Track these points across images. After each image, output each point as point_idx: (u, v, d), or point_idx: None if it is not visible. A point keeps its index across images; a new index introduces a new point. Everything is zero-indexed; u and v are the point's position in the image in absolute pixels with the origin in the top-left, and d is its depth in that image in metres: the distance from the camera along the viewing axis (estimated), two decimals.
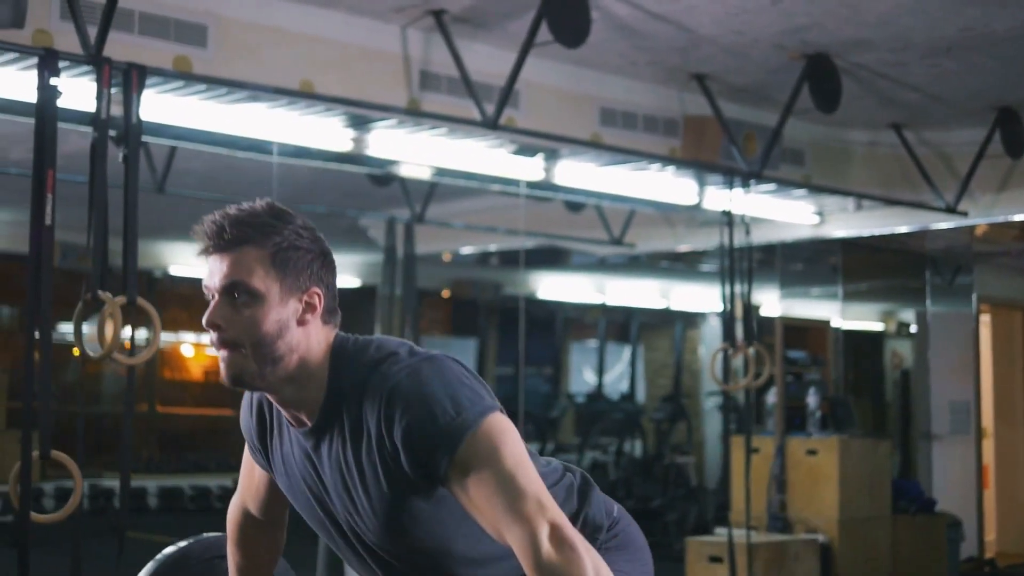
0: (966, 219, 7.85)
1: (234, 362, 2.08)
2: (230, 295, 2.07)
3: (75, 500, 4.37)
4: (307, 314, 2.11)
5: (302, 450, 2.20)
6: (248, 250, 2.07)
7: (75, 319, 4.40)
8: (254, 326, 2.06)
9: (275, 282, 2.07)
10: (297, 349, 2.09)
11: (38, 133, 4.35)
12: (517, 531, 1.93)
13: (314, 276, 2.12)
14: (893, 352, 11.69)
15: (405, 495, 2.09)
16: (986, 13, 5.62)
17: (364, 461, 2.09)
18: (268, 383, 2.11)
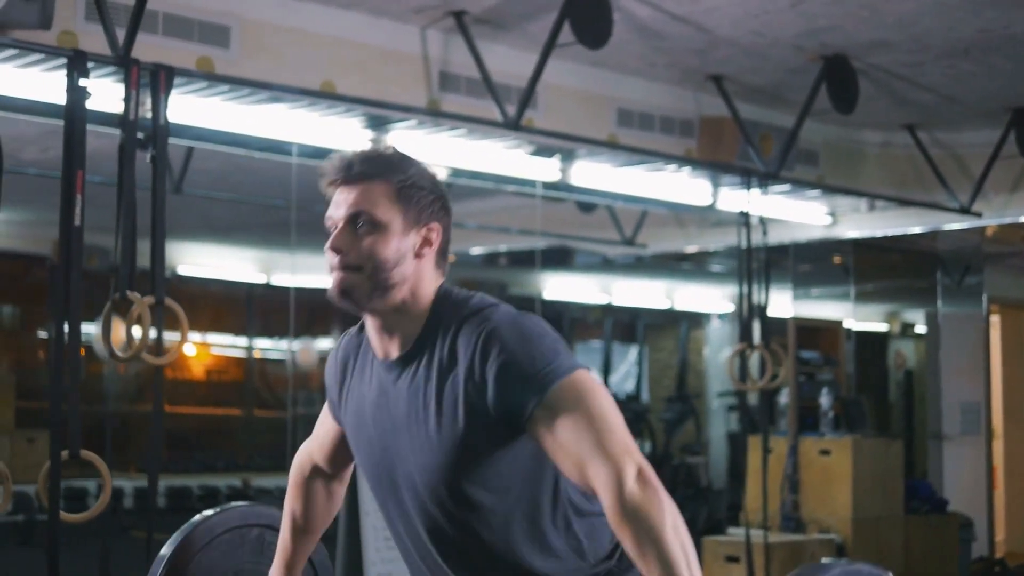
0: (980, 220, 7.87)
1: (348, 280, 2.19)
2: (354, 223, 2.20)
3: (105, 499, 4.39)
4: (424, 248, 2.23)
5: (380, 385, 2.27)
6: (374, 184, 2.20)
7: (103, 319, 4.42)
8: (375, 252, 2.18)
9: (397, 214, 2.20)
10: (409, 280, 2.21)
11: (67, 134, 4.37)
12: (604, 468, 1.98)
13: (434, 214, 2.24)
14: (897, 352, 11.70)
15: (476, 432, 2.14)
16: (1005, 14, 5.64)
17: (446, 392, 2.16)
18: (374, 306, 2.22)
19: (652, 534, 1.92)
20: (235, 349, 12.89)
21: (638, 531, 1.93)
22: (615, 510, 1.96)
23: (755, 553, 6.94)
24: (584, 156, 6.77)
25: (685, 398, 12.80)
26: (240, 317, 12.37)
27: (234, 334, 12.71)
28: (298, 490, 2.63)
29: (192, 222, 9.11)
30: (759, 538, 7.05)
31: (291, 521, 2.63)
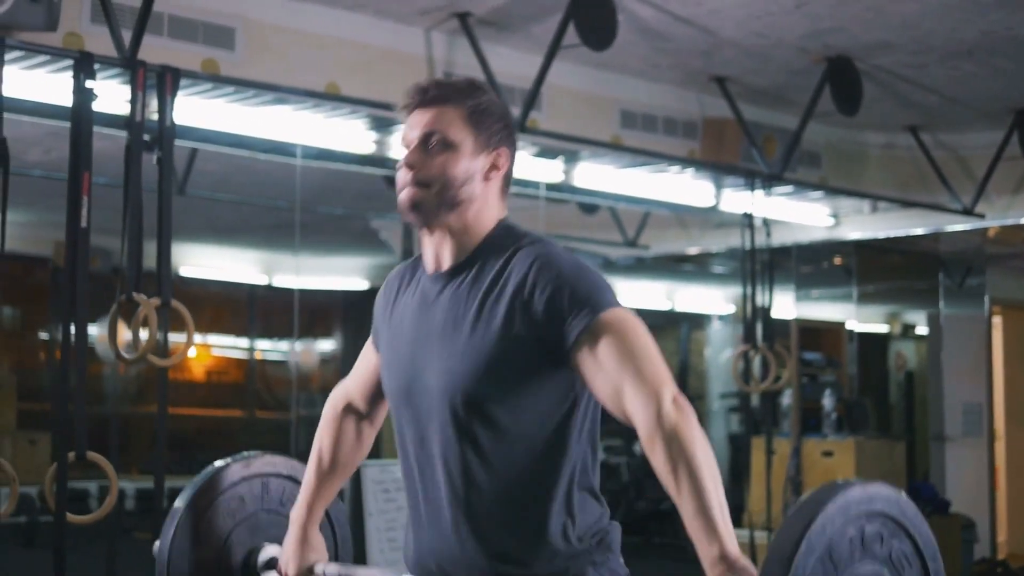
0: (983, 221, 7.87)
1: (418, 195, 2.30)
2: (426, 143, 2.31)
3: (111, 500, 4.39)
4: (491, 172, 2.34)
5: (423, 296, 2.36)
6: (447, 107, 2.31)
7: (110, 321, 4.42)
8: (445, 170, 2.29)
9: (469, 136, 2.31)
10: (475, 201, 2.32)
11: (74, 136, 4.37)
12: (643, 391, 2.08)
13: (502, 141, 2.36)
14: (897, 353, 11.72)
15: (509, 348, 2.21)
16: (1009, 16, 5.65)
17: (489, 304, 2.24)
18: (438, 221, 2.32)
19: (685, 453, 2.00)
20: (237, 350, 12.89)
21: (671, 449, 2.01)
22: (650, 429, 2.04)
23: (759, 554, 6.94)
24: (587, 157, 6.77)
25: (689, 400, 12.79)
26: (242, 318, 12.38)
27: (236, 335, 12.71)
28: (329, 426, 2.68)
29: (195, 224, 9.12)
30: (763, 539, 7.05)
31: (317, 459, 2.67)
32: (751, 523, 7.01)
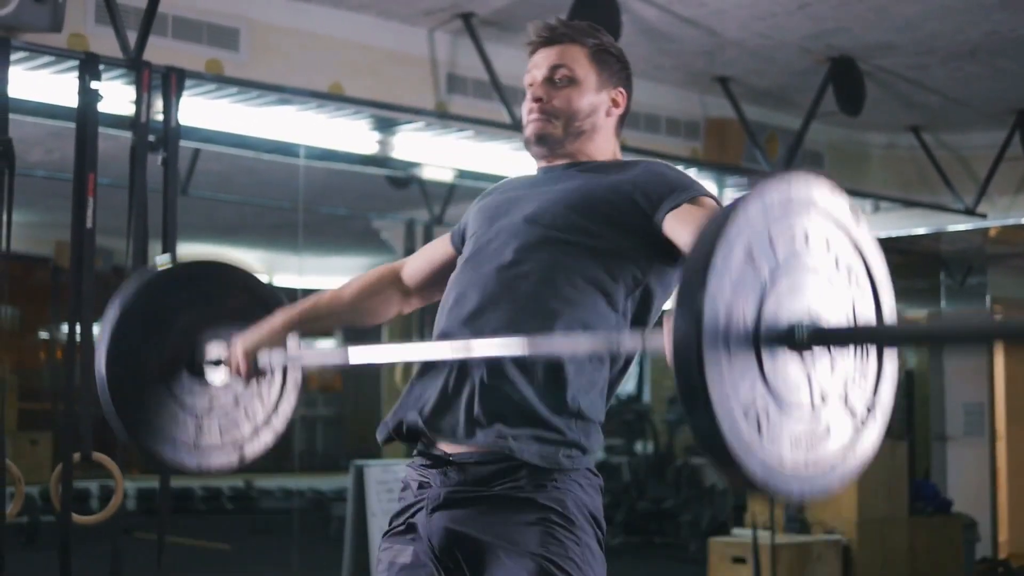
0: (985, 221, 7.88)
1: (545, 126, 2.43)
2: (552, 78, 2.43)
3: (117, 501, 4.40)
4: (612, 108, 2.47)
5: (533, 182, 2.46)
6: (572, 46, 2.45)
7: None
8: (571, 101, 2.42)
9: (592, 73, 2.44)
10: (598, 133, 2.45)
11: (79, 137, 4.38)
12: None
13: (622, 79, 2.50)
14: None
15: (613, 199, 2.31)
16: (1012, 17, 5.66)
17: (597, 179, 2.37)
18: (563, 150, 2.43)
19: None
20: None
21: None
22: None
23: (762, 554, 6.94)
24: None
25: None
26: None
27: None
28: (364, 277, 2.68)
29: (198, 223, 9.12)
30: (766, 539, 7.05)
31: (338, 290, 2.67)
32: (754, 522, 7.00)
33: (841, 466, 1.83)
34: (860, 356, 1.86)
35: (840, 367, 1.82)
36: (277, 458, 12.13)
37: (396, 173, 7.56)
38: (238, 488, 11.87)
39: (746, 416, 1.69)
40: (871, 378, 1.89)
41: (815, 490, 1.79)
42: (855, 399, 1.86)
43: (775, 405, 1.73)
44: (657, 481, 11.40)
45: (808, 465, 1.77)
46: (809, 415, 1.78)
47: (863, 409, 1.88)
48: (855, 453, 1.86)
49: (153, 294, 2.59)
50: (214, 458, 2.65)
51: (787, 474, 1.74)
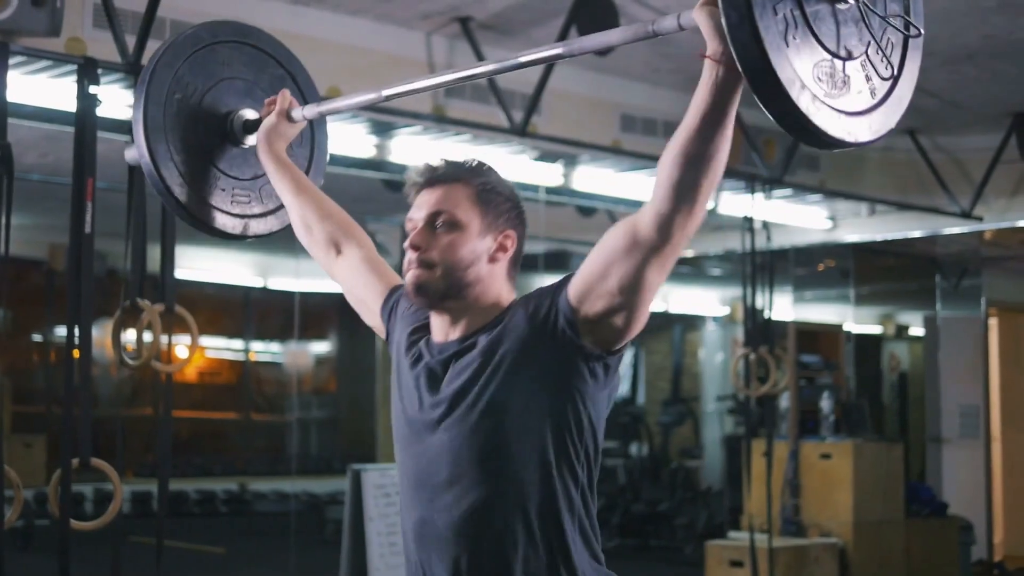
0: (981, 224, 7.89)
1: (425, 276, 2.25)
2: (433, 223, 2.27)
3: (116, 506, 4.37)
4: (499, 253, 2.28)
5: (430, 373, 2.27)
6: (456, 186, 2.28)
7: (114, 326, 4.41)
8: (452, 250, 2.25)
9: (476, 216, 2.27)
10: (482, 282, 2.26)
11: (78, 141, 4.36)
12: (628, 217, 2.10)
13: (510, 221, 2.31)
14: (891, 355, 11.73)
15: (522, 375, 2.17)
16: (1011, 21, 5.66)
17: (491, 369, 2.18)
18: (446, 305, 2.27)
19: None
20: (233, 352, 12.87)
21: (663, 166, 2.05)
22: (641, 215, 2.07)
23: (759, 557, 6.94)
24: (587, 161, 6.78)
25: (682, 401, 12.80)
26: (238, 321, 12.36)
27: (231, 337, 12.70)
28: (340, 217, 2.71)
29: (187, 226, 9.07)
30: (763, 543, 7.06)
31: (321, 196, 2.74)
32: (751, 526, 7.00)
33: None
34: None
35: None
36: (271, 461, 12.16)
37: (393, 176, 7.55)
38: (232, 491, 11.85)
39: (818, 81, 1.86)
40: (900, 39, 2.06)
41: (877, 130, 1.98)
42: (882, 59, 2.02)
43: (830, 56, 1.88)
44: (652, 484, 11.40)
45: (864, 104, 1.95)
46: (859, 64, 1.93)
47: (896, 64, 2.04)
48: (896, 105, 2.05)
49: (188, 63, 2.77)
50: (220, 219, 2.81)
51: (847, 115, 1.91)
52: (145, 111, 2.70)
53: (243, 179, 2.84)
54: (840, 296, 9.97)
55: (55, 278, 10.28)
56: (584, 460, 2.22)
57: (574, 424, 2.18)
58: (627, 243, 2.08)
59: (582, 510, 2.22)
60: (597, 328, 2.15)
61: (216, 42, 2.86)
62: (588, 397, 2.18)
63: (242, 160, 2.84)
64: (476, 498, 2.19)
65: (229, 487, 11.90)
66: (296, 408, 11.88)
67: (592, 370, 2.18)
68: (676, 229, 2.06)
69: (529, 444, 2.16)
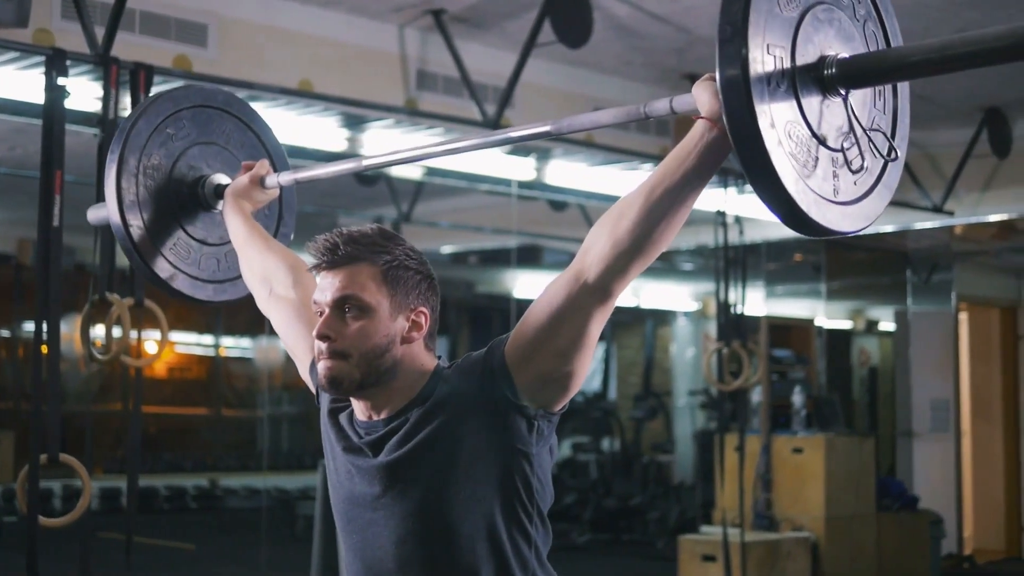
0: (952, 218, 7.91)
1: (338, 368, 2.12)
2: (341, 309, 2.13)
3: (84, 503, 4.33)
4: (413, 332, 2.16)
5: (355, 460, 2.19)
6: (361, 267, 2.13)
7: (82, 321, 4.37)
8: (364, 338, 2.11)
9: (385, 298, 2.13)
10: (399, 364, 2.14)
11: (45, 134, 4.31)
12: (564, 274, 2.05)
13: (421, 296, 2.17)
14: (861, 350, 11.76)
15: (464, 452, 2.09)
16: (984, 15, 5.67)
17: (427, 431, 2.11)
18: (364, 392, 2.14)
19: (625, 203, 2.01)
20: (203, 348, 12.81)
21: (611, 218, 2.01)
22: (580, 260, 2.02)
23: (731, 552, 6.94)
24: (560, 155, 6.76)
25: (654, 396, 12.81)
26: (208, 315, 12.30)
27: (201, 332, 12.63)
28: (279, 255, 2.64)
29: None
30: (735, 537, 7.06)
31: (266, 240, 2.69)
32: (723, 520, 7.00)
33: (873, 200, 2.00)
34: (877, 95, 2.04)
35: (863, 102, 2.00)
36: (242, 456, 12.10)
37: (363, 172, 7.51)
38: (202, 487, 11.80)
39: (794, 155, 1.87)
40: (890, 115, 2.07)
41: (855, 223, 1.96)
42: (879, 136, 2.03)
43: (814, 139, 1.90)
44: (624, 478, 11.40)
45: (846, 198, 1.96)
46: (842, 149, 1.96)
47: (886, 146, 2.03)
48: (885, 189, 2.03)
49: (157, 130, 2.76)
50: (188, 284, 2.81)
51: (833, 205, 1.92)
52: (118, 179, 2.68)
53: (212, 243, 2.83)
54: (812, 291, 9.99)
55: (23, 273, 10.19)
56: (538, 519, 2.15)
57: (522, 488, 2.11)
58: (572, 296, 2.02)
59: (536, 566, 2.16)
60: (538, 389, 2.07)
61: (180, 110, 2.82)
62: (533, 458, 2.11)
63: (212, 225, 2.83)
64: None
65: (199, 483, 11.85)
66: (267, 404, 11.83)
67: (536, 429, 2.10)
68: (628, 278, 2.03)
69: (477, 517, 2.10)
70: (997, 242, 9.48)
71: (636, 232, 1.99)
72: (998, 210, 7.91)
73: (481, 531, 2.10)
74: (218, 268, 2.85)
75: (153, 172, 2.74)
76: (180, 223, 2.77)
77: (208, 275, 2.83)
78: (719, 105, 1.86)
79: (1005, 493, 10.36)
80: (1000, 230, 8.88)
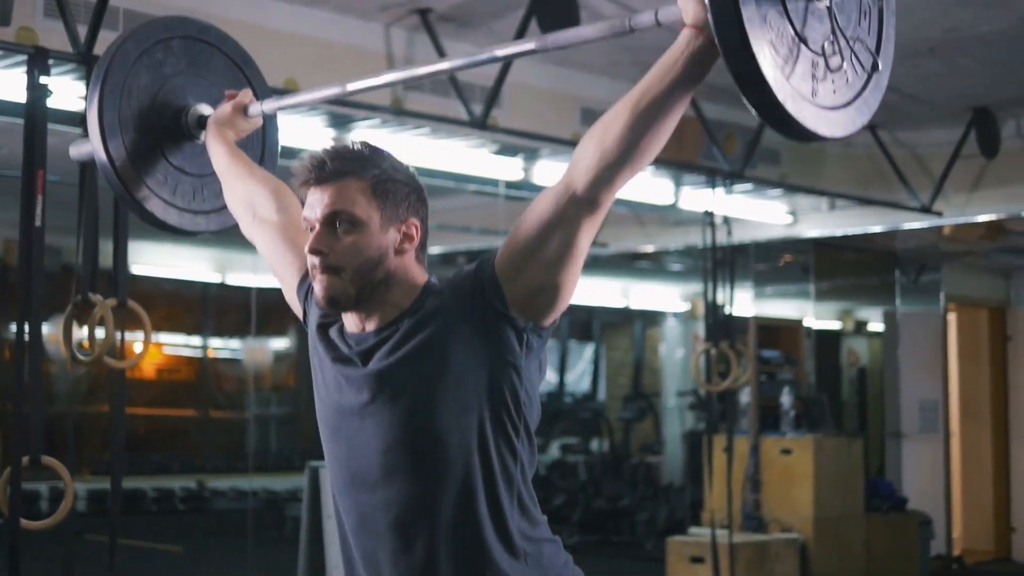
0: (940, 219, 7.90)
1: (333, 285, 2.15)
2: (332, 224, 2.15)
3: (66, 505, 4.29)
4: (405, 244, 2.19)
5: (348, 374, 2.20)
6: (349, 181, 2.15)
7: (65, 321, 4.33)
8: (356, 252, 2.14)
9: (376, 211, 2.16)
10: (393, 276, 2.17)
11: (27, 133, 4.27)
12: (554, 186, 2.12)
13: (411, 208, 2.20)
14: (850, 350, 11.75)
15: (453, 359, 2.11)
16: (973, 14, 5.65)
17: (417, 340, 2.13)
18: (361, 306, 2.18)
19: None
20: (190, 349, 12.76)
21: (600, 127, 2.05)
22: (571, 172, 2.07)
23: (720, 553, 6.92)
24: (548, 155, 6.73)
25: (643, 397, 12.79)
26: (196, 317, 12.25)
27: (189, 334, 12.58)
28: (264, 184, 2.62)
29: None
30: (723, 538, 7.03)
31: (251, 168, 2.68)
32: (711, 521, 6.98)
33: (852, 112, 2.03)
34: (863, 15, 2.06)
35: (849, 16, 2.02)
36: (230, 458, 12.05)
37: None
38: (190, 489, 11.75)
39: (777, 52, 1.91)
40: (875, 34, 2.09)
41: (832, 128, 1.98)
42: (863, 49, 2.06)
43: (796, 38, 1.94)
44: (613, 479, 11.38)
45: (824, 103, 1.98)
46: (823, 54, 1.98)
47: (870, 60, 2.06)
48: (865, 106, 2.05)
49: (142, 62, 2.76)
50: (168, 213, 2.81)
51: (810, 104, 1.95)
52: (100, 108, 2.67)
53: (192, 174, 2.83)
54: (800, 291, 9.97)
55: (8, 273, 10.14)
56: (524, 434, 2.17)
57: (510, 399, 2.13)
58: (561, 206, 2.07)
59: (520, 482, 2.17)
60: (528, 301, 2.11)
61: (172, 37, 2.83)
62: (522, 371, 2.14)
63: (193, 155, 2.82)
64: (413, 494, 2.13)
65: (187, 485, 11.80)
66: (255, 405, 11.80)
67: (525, 341, 2.13)
68: (615, 188, 2.08)
69: (464, 427, 2.11)
70: (985, 242, 9.47)
71: (623, 142, 2.02)
72: (986, 210, 7.90)
73: (468, 441, 2.11)
74: (193, 199, 2.83)
75: (138, 93, 2.73)
76: (161, 149, 2.77)
77: (182, 204, 2.82)
78: (704, 11, 1.90)
79: (994, 494, 10.35)
80: (988, 230, 8.87)
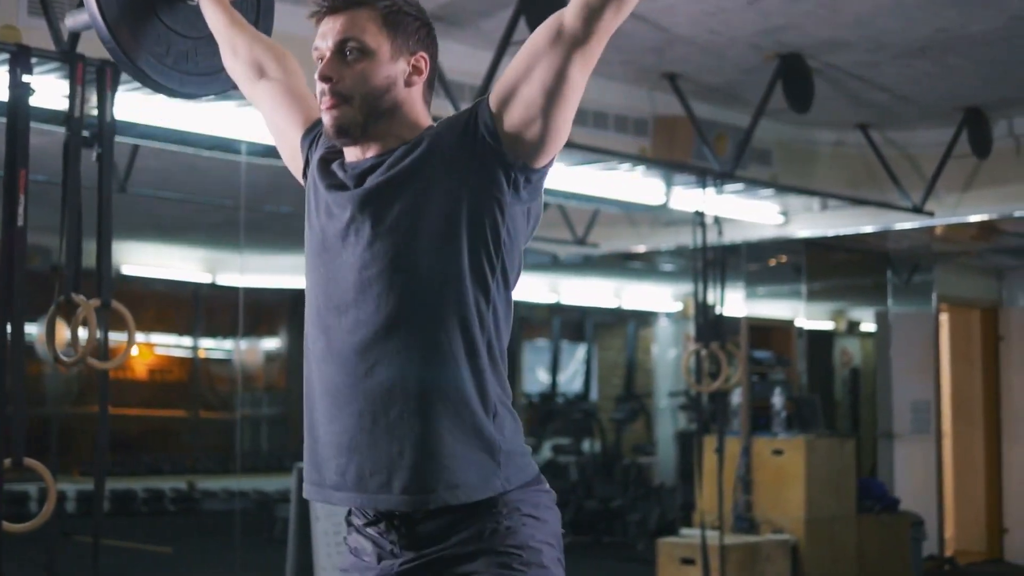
0: (932, 219, 7.88)
1: (342, 114, 2.16)
2: (342, 52, 2.17)
3: (49, 508, 4.26)
4: (414, 76, 2.21)
5: (339, 182, 2.21)
6: (360, 11, 2.18)
7: (48, 322, 4.29)
8: (365, 79, 2.16)
9: (386, 40, 2.18)
10: (400, 107, 2.19)
11: (10, 132, 4.25)
12: (541, 26, 2.13)
13: (421, 42, 2.22)
14: (843, 351, 11.73)
15: (443, 188, 2.12)
16: (963, 14, 5.62)
17: (407, 162, 2.14)
18: (369, 136, 2.18)
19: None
20: (181, 349, 12.72)
21: None
22: None
23: (711, 555, 6.89)
24: None
25: (635, 397, 12.76)
26: (186, 317, 12.21)
27: (180, 334, 12.55)
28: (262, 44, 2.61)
29: (138, 221, 8.96)
30: (714, 540, 7.01)
31: (244, 27, 2.64)
32: (703, 522, 6.95)
33: None
34: None
35: None
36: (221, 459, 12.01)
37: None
38: (180, 490, 11.71)
39: None
40: None
41: None
42: None
43: None
44: (604, 480, 11.35)
45: None
46: None
47: None
48: None
49: None
50: (161, 73, 2.80)
51: None
52: None
53: (182, 34, 2.81)
54: (792, 292, 9.94)
55: None
56: (500, 277, 2.16)
57: (490, 233, 2.13)
58: (551, 37, 2.09)
59: (492, 330, 2.16)
60: (518, 135, 2.11)
61: None
62: (507, 208, 2.13)
63: (187, 17, 2.80)
64: (383, 315, 2.11)
65: (177, 485, 11.76)
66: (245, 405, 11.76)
67: (513, 180, 2.13)
68: (603, 21, 2.08)
69: (443, 256, 2.11)
70: (977, 243, 9.45)
71: None
72: (978, 211, 7.88)
73: (444, 267, 2.11)
74: (186, 60, 2.83)
75: None
76: (155, 10, 2.76)
77: (171, 63, 2.81)
78: None
79: (986, 494, 10.32)
80: (980, 231, 8.85)
